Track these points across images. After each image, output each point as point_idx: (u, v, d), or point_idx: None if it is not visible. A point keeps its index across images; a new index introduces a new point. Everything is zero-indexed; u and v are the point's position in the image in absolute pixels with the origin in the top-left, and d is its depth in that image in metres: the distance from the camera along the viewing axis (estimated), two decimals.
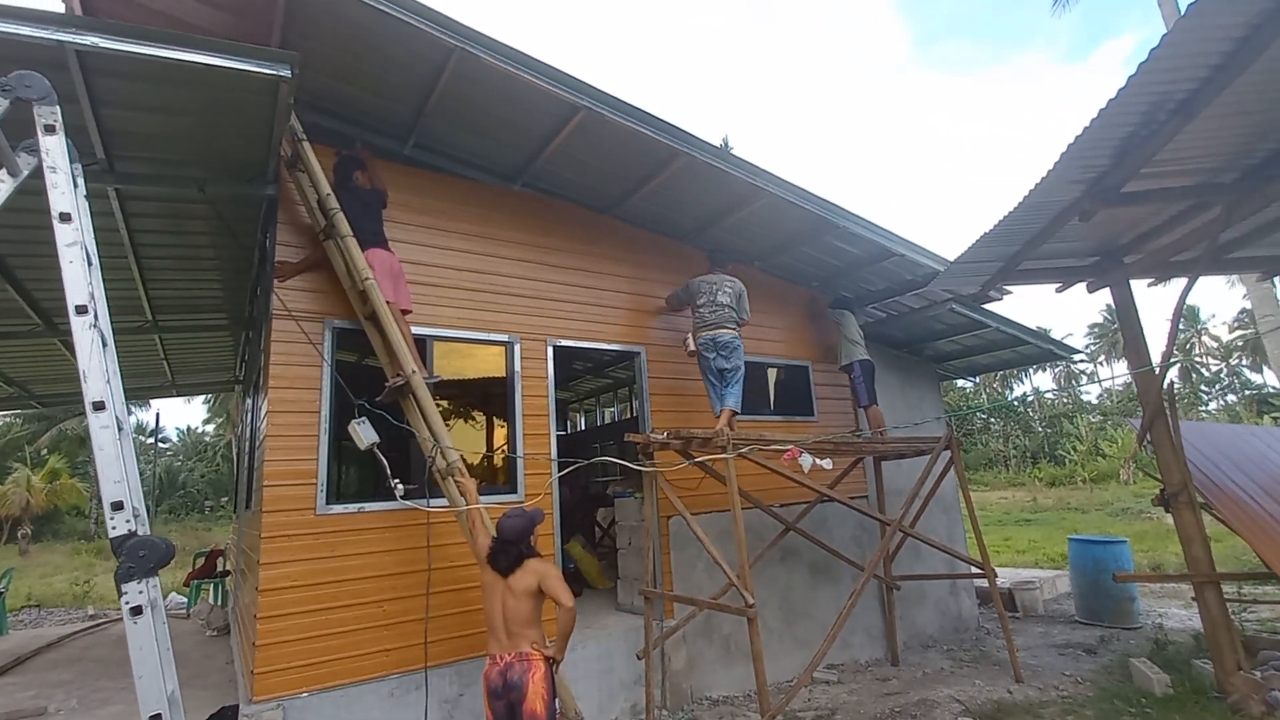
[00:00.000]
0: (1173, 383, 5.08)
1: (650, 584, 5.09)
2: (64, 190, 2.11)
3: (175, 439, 40.62)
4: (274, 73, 3.34)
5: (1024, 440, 35.48)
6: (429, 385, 4.18)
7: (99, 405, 1.97)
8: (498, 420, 5.35)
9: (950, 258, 5.37)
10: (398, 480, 3.98)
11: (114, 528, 1.91)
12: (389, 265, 4.37)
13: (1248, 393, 36.62)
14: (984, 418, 36.08)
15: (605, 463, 4.79)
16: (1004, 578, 9.35)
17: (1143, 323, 5.33)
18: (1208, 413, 36.81)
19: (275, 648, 3.85)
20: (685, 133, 4.99)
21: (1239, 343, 38.30)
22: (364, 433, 4.04)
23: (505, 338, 5.26)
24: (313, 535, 4.11)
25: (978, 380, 35.60)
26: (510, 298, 5.36)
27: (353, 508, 4.28)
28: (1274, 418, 25.85)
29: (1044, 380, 44.13)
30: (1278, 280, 9.42)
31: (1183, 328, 40.27)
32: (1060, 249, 5.16)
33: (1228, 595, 4.95)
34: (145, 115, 3.66)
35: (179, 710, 1.96)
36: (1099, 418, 34.91)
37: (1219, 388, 39.70)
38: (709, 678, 5.56)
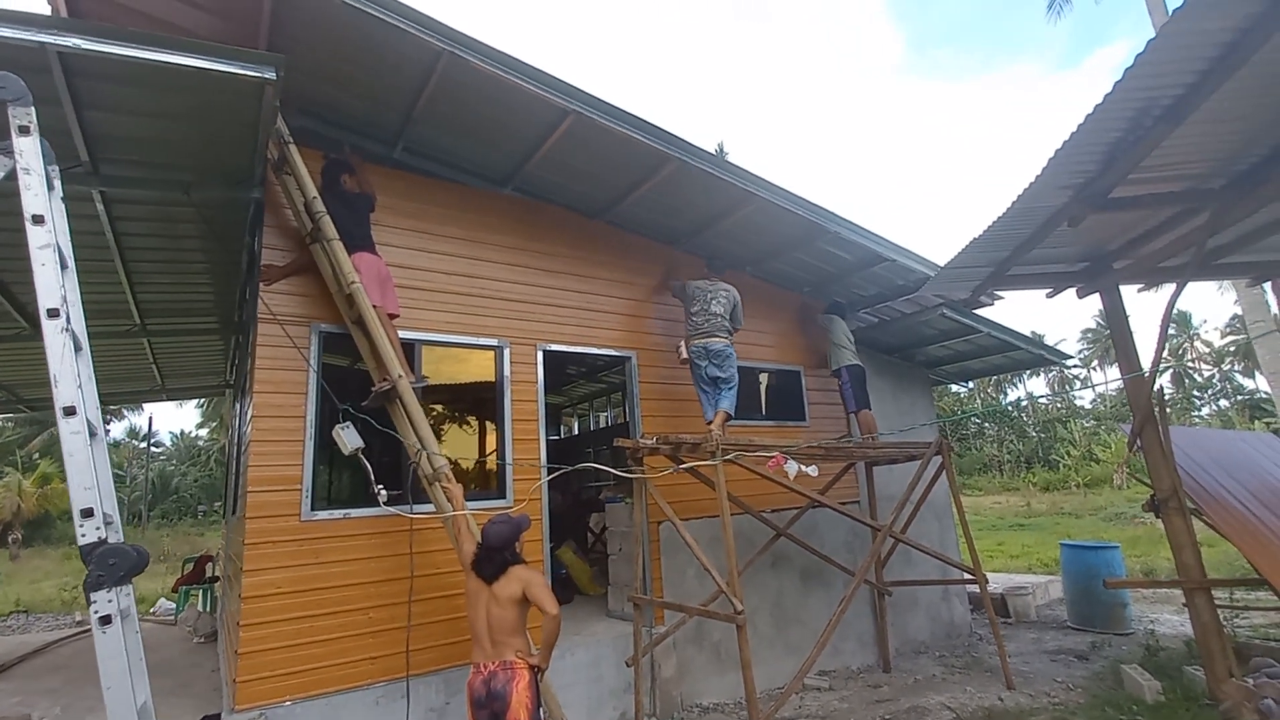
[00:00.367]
0: (1162, 388, 5.09)
1: (640, 590, 5.06)
2: (37, 192, 2.08)
3: (169, 443, 40.47)
4: (258, 75, 3.32)
5: (1018, 445, 35.48)
6: (416, 390, 4.15)
7: (70, 410, 1.94)
8: (487, 425, 5.33)
9: (942, 263, 5.37)
10: (381, 486, 3.95)
11: (83, 535, 1.88)
12: (376, 269, 4.34)
13: (1240, 398, 36.82)
14: (979, 422, 36.15)
15: (592, 469, 4.74)
16: (997, 583, 9.34)
17: (1135, 328, 5.34)
18: (1201, 418, 36.94)
19: (258, 655, 3.81)
20: (676, 137, 4.98)
21: (1231, 348, 38.48)
22: (348, 438, 4.01)
23: (494, 342, 5.23)
24: (297, 542, 4.07)
25: (971, 385, 35.72)
26: (500, 302, 5.34)
27: (338, 514, 4.25)
28: (1266, 423, 25.95)
29: (1039, 386, 44.35)
30: (1268, 286, 9.46)
31: (1176, 333, 40.51)
32: (1050, 254, 5.16)
33: (1220, 601, 4.95)
34: (129, 118, 3.63)
35: None
36: (1093, 423, 35.00)
37: (1211, 393, 39.87)
38: (699, 685, 5.52)
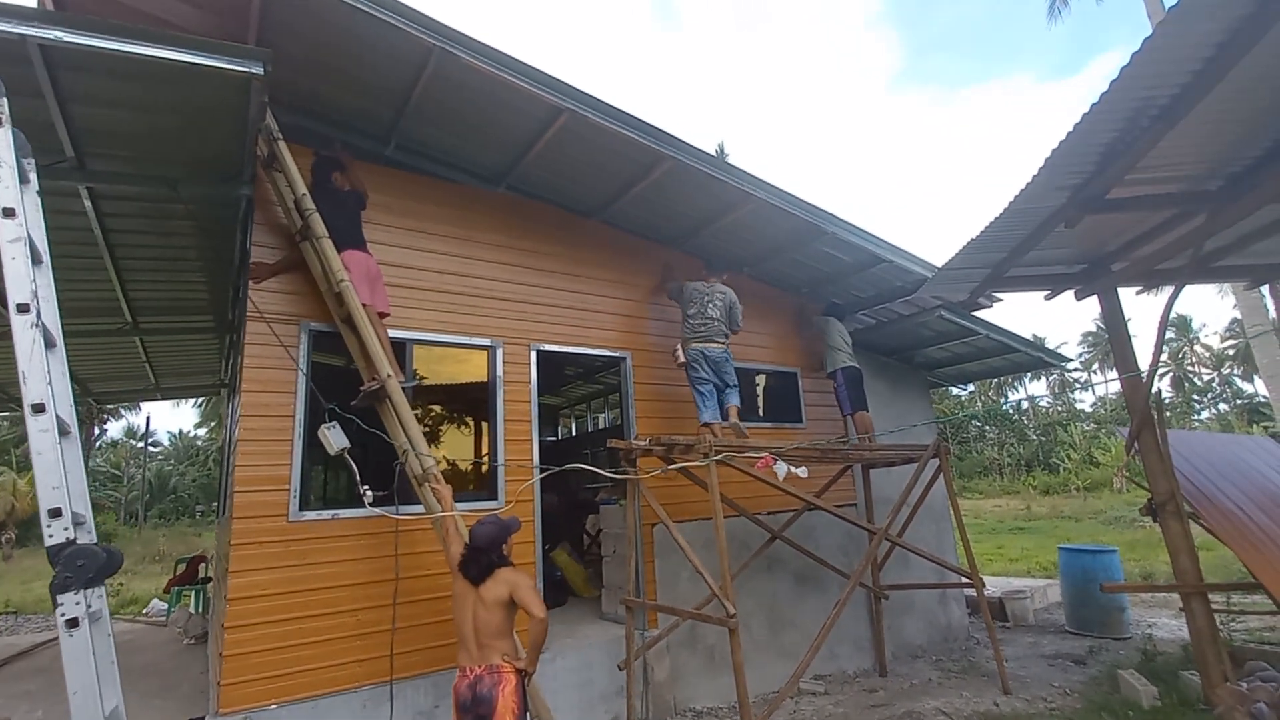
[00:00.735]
0: (1160, 391, 5.05)
1: (633, 593, 5.01)
2: (8, 184, 2.03)
3: (167, 443, 40.40)
4: (246, 70, 3.28)
5: (1019, 448, 35.45)
6: (406, 390, 4.11)
7: (38, 408, 1.89)
8: (480, 425, 5.28)
9: (940, 264, 5.33)
10: (367, 487, 3.91)
11: (50, 535, 1.83)
12: (366, 267, 4.30)
13: (1239, 402, 36.82)
14: (979, 425, 36.12)
15: (583, 470, 4.70)
16: (995, 586, 9.30)
17: (1134, 331, 5.32)
18: (1200, 421, 36.95)
19: (244, 658, 3.75)
20: (671, 136, 4.93)
21: (1230, 352, 38.50)
22: (334, 438, 3.96)
23: (487, 342, 5.19)
24: (285, 542, 4.01)
25: (971, 389, 35.69)
26: (493, 301, 5.29)
27: (326, 514, 4.19)
28: (1265, 427, 25.91)
29: (1040, 389, 44.30)
30: (1266, 289, 9.43)
31: (1175, 337, 40.53)
32: (1048, 256, 5.13)
33: (1217, 605, 4.90)
34: (115, 112, 3.59)
35: None
36: (1093, 426, 34.97)
37: (1211, 397, 39.88)
38: (693, 689, 5.46)
